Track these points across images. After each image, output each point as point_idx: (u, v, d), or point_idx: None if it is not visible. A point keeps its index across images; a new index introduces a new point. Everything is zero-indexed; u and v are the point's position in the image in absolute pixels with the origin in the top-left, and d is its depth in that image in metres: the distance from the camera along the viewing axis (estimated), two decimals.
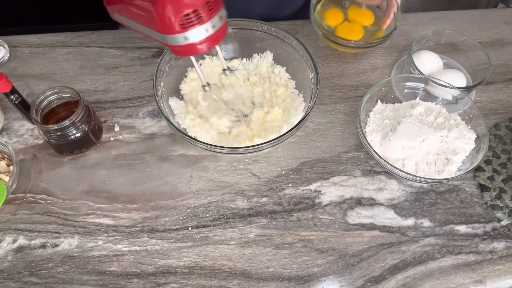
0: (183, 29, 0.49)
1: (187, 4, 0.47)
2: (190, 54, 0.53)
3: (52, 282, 0.61)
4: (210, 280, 0.61)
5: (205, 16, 0.49)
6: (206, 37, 0.51)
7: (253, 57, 0.78)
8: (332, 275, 0.62)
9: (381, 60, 0.84)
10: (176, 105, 0.72)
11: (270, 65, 0.78)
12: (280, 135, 0.63)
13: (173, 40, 0.50)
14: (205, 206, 0.68)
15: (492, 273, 0.62)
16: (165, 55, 0.70)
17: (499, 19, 0.91)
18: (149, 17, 0.50)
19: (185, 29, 0.49)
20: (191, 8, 0.48)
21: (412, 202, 0.68)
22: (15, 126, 0.76)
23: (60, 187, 0.69)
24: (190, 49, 0.51)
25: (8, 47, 0.84)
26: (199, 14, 0.48)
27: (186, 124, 0.71)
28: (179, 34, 0.49)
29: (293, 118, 0.69)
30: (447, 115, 0.71)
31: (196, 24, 0.49)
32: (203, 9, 0.48)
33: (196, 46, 0.51)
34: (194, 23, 0.49)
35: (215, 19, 0.50)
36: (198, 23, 0.49)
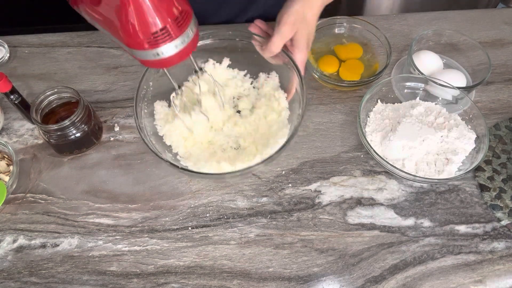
0: (151, 46, 0.47)
1: (155, 22, 0.45)
2: (160, 67, 0.52)
3: (52, 282, 0.61)
4: (210, 280, 0.61)
5: (174, 33, 0.47)
6: (175, 52, 0.49)
7: (259, 76, 0.74)
8: (332, 275, 0.62)
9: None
10: (161, 110, 0.69)
11: (275, 88, 0.72)
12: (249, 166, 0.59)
13: (142, 55, 0.49)
14: (205, 206, 0.68)
15: (492, 273, 0.62)
16: None
17: (499, 19, 0.91)
18: (115, 28, 0.47)
19: (154, 46, 0.47)
20: (160, 25, 0.46)
21: (412, 202, 0.68)
22: (15, 126, 0.76)
23: (60, 187, 0.69)
24: (160, 63, 0.50)
25: (8, 47, 0.84)
26: (167, 31, 0.46)
27: (164, 132, 0.68)
28: (148, 51, 0.48)
29: (269, 150, 0.65)
30: (447, 115, 0.71)
31: (165, 41, 0.47)
32: (172, 25, 0.46)
33: (167, 60, 0.49)
34: (163, 40, 0.47)
35: (185, 34, 0.48)
36: (168, 40, 0.47)
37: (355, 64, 0.80)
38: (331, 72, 0.80)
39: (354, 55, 0.82)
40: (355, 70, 0.80)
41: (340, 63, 0.81)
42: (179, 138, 0.68)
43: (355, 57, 0.82)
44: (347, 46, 0.83)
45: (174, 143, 0.68)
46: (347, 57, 0.81)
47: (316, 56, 0.82)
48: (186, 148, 0.69)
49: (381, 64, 0.80)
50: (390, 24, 0.90)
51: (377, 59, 0.82)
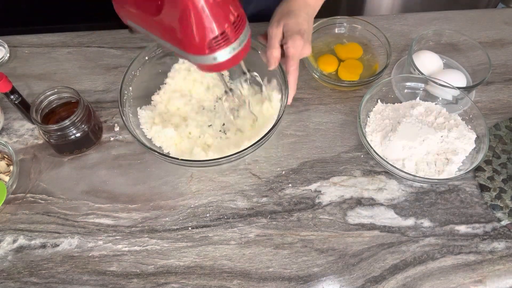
0: (211, 51, 0.49)
1: (215, 27, 0.47)
2: (216, 71, 0.53)
3: (52, 282, 0.61)
4: (210, 280, 0.61)
5: (232, 36, 0.49)
6: (232, 56, 0.50)
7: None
8: (332, 275, 0.62)
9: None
10: (144, 114, 0.70)
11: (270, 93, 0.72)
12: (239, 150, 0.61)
13: (201, 60, 0.50)
14: (205, 206, 0.68)
15: (492, 273, 0.62)
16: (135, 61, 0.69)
17: (499, 19, 0.91)
18: (174, 35, 0.49)
19: (213, 51, 0.49)
20: (219, 30, 0.47)
21: (412, 202, 0.68)
22: (15, 126, 0.76)
23: (60, 187, 0.69)
24: (216, 67, 0.51)
25: (8, 47, 0.84)
26: (226, 35, 0.48)
27: (151, 135, 0.69)
28: (207, 56, 0.49)
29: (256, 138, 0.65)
30: (447, 115, 0.71)
31: (224, 45, 0.49)
32: (230, 29, 0.48)
33: (223, 64, 0.51)
34: (222, 44, 0.48)
35: (241, 37, 0.50)
36: (226, 44, 0.49)
37: (354, 64, 0.80)
38: (330, 71, 0.80)
39: (354, 55, 0.82)
40: (354, 70, 0.80)
41: (340, 62, 0.81)
42: (168, 138, 0.69)
43: (355, 57, 0.82)
44: (347, 46, 0.83)
45: (164, 144, 0.68)
46: (347, 57, 0.81)
47: (316, 56, 0.82)
48: (177, 146, 0.69)
49: (381, 64, 0.80)
50: (390, 24, 0.90)
51: (377, 59, 0.82)
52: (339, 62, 0.81)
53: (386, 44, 0.79)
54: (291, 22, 0.63)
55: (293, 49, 0.62)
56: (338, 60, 0.81)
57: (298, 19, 0.64)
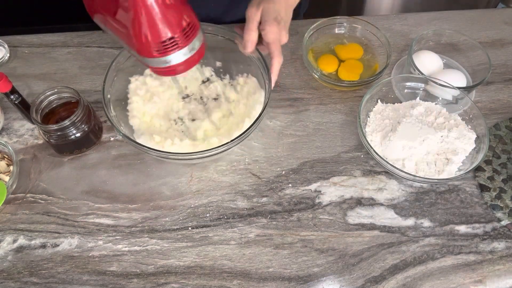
0: (159, 54, 0.50)
1: (164, 31, 0.49)
2: (169, 75, 0.56)
3: (52, 282, 0.61)
4: (210, 280, 0.61)
5: (182, 42, 0.51)
6: (184, 60, 0.52)
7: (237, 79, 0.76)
8: (332, 275, 0.62)
9: None
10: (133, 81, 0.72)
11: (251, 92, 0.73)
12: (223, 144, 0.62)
13: (152, 62, 0.52)
14: (205, 206, 0.68)
15: (492, 273, 0.62)
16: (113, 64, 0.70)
17: (499, 19, 0.91)
18: (129, 37, 0.50)
19: (162, 54, 0.50)
20: (168, 35, 0.49)
21: (412, 202, 0.68)
22: (15, 126, 0.76)
23: (60, 187, 0.69)
24: (169, 71, 0.53)
25: (8, 47, 0.84)
26: (175, 41, 0.50)
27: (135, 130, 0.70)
28: (157, 58, 0.51)
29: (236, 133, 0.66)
30: (447, 115, 0.71)
31: (172, 50, 0.50)
32: (180, 36, 0.50)
33: (175, 68, 0.53)
34: (170, 49, 0.50)
35: (193, 43, 0.52)
36: (175, 49, 0.50)
37: (354, 64, 0.80)
38: (330, 71, 0.80)
39: (355, 55, 0.82)
40: (354, 70, 0.80)
41: (340, 63, 0.81)
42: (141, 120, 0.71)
43: (355, 57, 0.82)
44: (347, 46, 0.83)
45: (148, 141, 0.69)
46: (347, 57, 0.81)
47: (316, 56, 0.82)
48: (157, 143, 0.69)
49: (381, 64, 0.80)
50: (390, 24, 0.90)
51: (377, 59, 0.82)
52: (339, 62, 0.81)
53: (386, 44, 0.79)
54: (269, 7, 0.63)
55: (270, 35, 0.63)
56: (338, 60, 0.81)
57: (275, 5, 0.64)
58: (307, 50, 0.80)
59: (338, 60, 0.81)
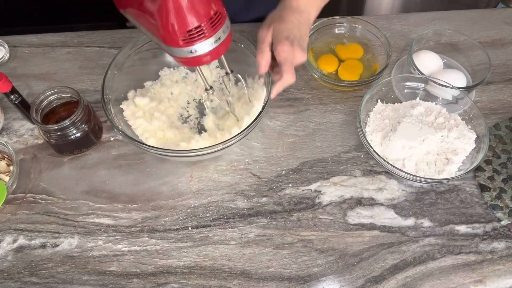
0: (186, 44, 0.50)
1: (191, 20, 0.48)
2: (194, 65, 0.55)
3: (52, 282, 0.61)
4: (210, 280, 0.61)
5: (208, 32, 0.50)
6: (209, 51, 0.52)
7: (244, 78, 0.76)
8: (332, 275, 0.62)
9: None
10: (126, 109, 0.71)
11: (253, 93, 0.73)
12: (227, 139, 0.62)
13: (178, 52, 0.52)
14: (205, 206, 0.68)
15: (492, 273, 0.62)
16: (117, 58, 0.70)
17: (499, 19, 0.91)
18: (155, 26, 0.50)
19: (188, 44, 0.50)
20: (194, 24, 0.49)
21: (412, 202, 0.68)
22: (15, 126, 0.76)
23: (60, 187, 0.69)
24: (193, 61, 0.53)
25: (8, 47, 0.84)
26: (202, 30, 0.49)
27: (139, 131, 0.70)
28: (183, 48, 0.51)
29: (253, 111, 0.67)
30: (447, 115, 0.71)
31: (198, 39, 0.50)
32: (206, 25, 0.49)
33: (200, 58, 0.52)
34: (196, 38, 0.50)
35: (219, 33, 0.51)
36: (201, 38, 0.50)
37: (354, 64, 0.80)
38: (330, 71, 0.80)
39: (355, 55, 0.82)
40: (354, 70, 0.80)
41: (340, 63, 0.81)
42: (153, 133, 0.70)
43: (355, 57, 0.82)
44: (347, 46, 0.83)
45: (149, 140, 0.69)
46: (347, 57, 0.81)
47: (316, 56, 0.82)
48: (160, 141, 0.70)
49: (381, 64, 0.80)
50: (390, 24, 0.90)
51: (377, 59, 0.82)
52: (339, 62, 0.81)
53: (386, 44, 0.79)
54: (279, 28, 0.63)
55: (283, 54, 0.62)
56: (338, 60, 0.81)
57: (287, 25, 0.64)
58: (307, 50, 0.80)
59: (338, 60, 0.81)
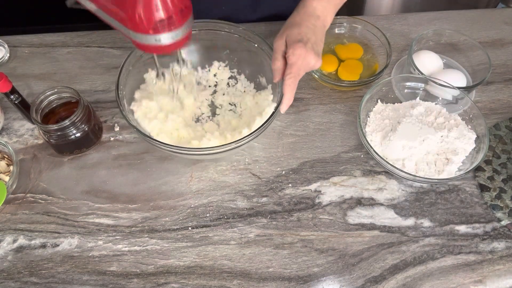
0: (155, 32, 0.51)
1: (163, 10, 0.49)
2: (156, 52, 0.56)
3: (52, 282, 0.61)
4: (210, 280, 0.61)
5: (178, 22, 0.51)
6: (174, 41, 0.53)
7: (212, 65, 0.78)
8: (332, 275, 0.62)
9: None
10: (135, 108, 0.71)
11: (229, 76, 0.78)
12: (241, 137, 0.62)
13: (143, 39, 0.52)
14: (205, 206, 0.68)
15: (492, 273, 0.62)
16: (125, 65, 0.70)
17: (499, 19, 0.91)
18: (121, 13, 0.51)
19: (157, 32, 0.51)
20: (167, 14, 0.50)
21: (412, 202, 0.68)
22: (15, 126, 0.76)
23: (60, 187, 0.69)
24: (157, 49, 0.54)
25: (8, 47, 0.84)
26: (172, 20, 0.51)
27: (150, 130, 0.69)
28: (151, 35, 0.51)
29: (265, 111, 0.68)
30: (447, 115, 0.71)
31: (167, 29, 0.51)
32: (177, 16, 0.51)
33: (164, 47, 0.54)
34: (166, 28, 0.51)
35: (186, 25, 0.53)
36: (170, 28, 0.51)
37: (354, 64, 0.80)
38: (330, 71, 0.80)
39: (355, 55, 0.82)
40: (354, 70, 0.80)
41: (340, 63, 0.81)
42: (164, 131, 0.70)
43: (356, 57, 0.82)
44: (347, 46, 0.83)
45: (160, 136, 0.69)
46: (347, 57, 0.81)
47: None
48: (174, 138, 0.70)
49: (381, 64, 0.80)
50: (390, 24, 0.90)
51: (377, 59, 0.82)
52: (339, 62, 0.81)
53: (386, 44, 0.79)
54: (293, 32, 0.63)
55: (293, 57, 0.61)
56: (338, 60, 0.81)
57: (301, 29, 0.63)
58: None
59: (338, 60, 0.81)
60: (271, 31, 0.86)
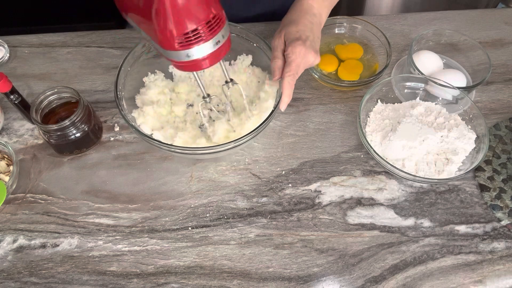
0: (182, 47, 0.49)
1: (187, 23, 0.47)
2: (192, 70, 0.53)
3: (52, 282, 0.61)
4: (210, 280, 0.61)
5: (205, 35, 0.49)
6: (207, 55, 0.50)
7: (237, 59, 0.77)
8: (332, 275, 0.62)
9: None
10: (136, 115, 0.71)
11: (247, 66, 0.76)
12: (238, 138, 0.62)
13: (173, 56, 0.50)
14: (205, 206, 0.68)
15: (492, 273, 0.62)
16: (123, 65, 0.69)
17: (499, 19, 0.91)
18: (152, 29, 0.49)
19: (185, 47, 0.49)
20: (191, 27, 0.47)
21: (412, 202, 0.68)
22: (15, 126, 0.76)
23: (60, 187, 0.69)
24: (190, 65, 0.52)
25: (8, 47, 0.84)
26: (198, 33, 0.48)
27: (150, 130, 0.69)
28: (179, 51, 0.49)
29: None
30: (447, 115, 0.71)
31: (195, 43, 0.49)
32: (203, 28, 0.48)
33: (197, 63, 0.51)
34: (193, 42, 0.48)
35: (217, 37, 0.50)
36: (198, 42, 0.49)
37: (354, 64, 0.80)
38: (330, 71, 0.80)
39: (355, 55, 0.82)
40: (354, 70, 0.80)
41: (340, 63, 0.81)
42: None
43: (355, 57, 0.82)
44: (347, 46, 0.83)
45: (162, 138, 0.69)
46: (347, 57, 0.81)
47: None
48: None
49: (381, 64, 0.80)
50: (390, 24, 0.90)
51: (377, 59, 0.82)
52: (339, 62, 0.81)
53: (386, 44, 0.79)
54: (291, 30, 0.63)
55: (292, 55, 0.61)
56: (338, 60, 0.81)
57: (298, 27, 0.64)
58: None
59: (338, 60, 0.81)
60: (270, 30, 0.86)
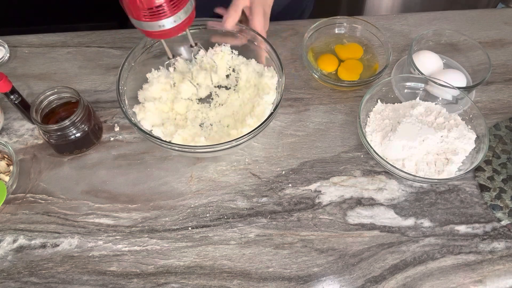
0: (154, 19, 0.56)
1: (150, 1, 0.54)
2: (161, 38, 0.60)
3: (52, 282, 0.61)
4: (210, 280, 0.61)
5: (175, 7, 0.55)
6: (176, 25, 0.57)
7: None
8: (332, 275, 0.62)
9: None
10: (137, 110, 0.71)
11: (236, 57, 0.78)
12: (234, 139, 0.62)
13: (147, 26, 0.57)
14: (205, 206, 0.68)
15: (492, 273, 0.62)
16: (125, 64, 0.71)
17: (499, 19, 0.91)
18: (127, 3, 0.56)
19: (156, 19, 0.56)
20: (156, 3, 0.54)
21: (412, 202, 0.68)
22: (15, 126, 0.76)
23: (60, 187, 0.69)
24: (162, 34, 0.59)
25: (8, 47, 0.84)
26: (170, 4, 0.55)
27: (151, 127, 0.70)
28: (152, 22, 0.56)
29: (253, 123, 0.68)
30: (447, 115, 0.71)
31: (163, 16, 0.55)
32: (168, 4, 0.55)
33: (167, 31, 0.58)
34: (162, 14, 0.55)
35: (185, 8, 0.57)
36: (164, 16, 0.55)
37: (354, 64, 0.80)
38: (330, 71, 0.80)
39: (355, 55, 0.82)
40: (354, 70, 0.80)
41: (340, 63, 0.81)
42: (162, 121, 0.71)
43: (355, 57, 0.82)
44: (347, 46, 0.83)
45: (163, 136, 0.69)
46: (347, 57, 0.81)
47: (316, 56, 0.82)
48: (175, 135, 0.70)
49: (381, 64, 0.80)
50: (390, 24, 0.90)
51: (377, 59, 0.82)
52: (339, 62, 0.81)
53: (386, 44, 0.79)
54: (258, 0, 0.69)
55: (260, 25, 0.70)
56: (338, 60, 0.81)
57: None
58: (307, 50, 0.80)
59: (338, 60, 0.81)
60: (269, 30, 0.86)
